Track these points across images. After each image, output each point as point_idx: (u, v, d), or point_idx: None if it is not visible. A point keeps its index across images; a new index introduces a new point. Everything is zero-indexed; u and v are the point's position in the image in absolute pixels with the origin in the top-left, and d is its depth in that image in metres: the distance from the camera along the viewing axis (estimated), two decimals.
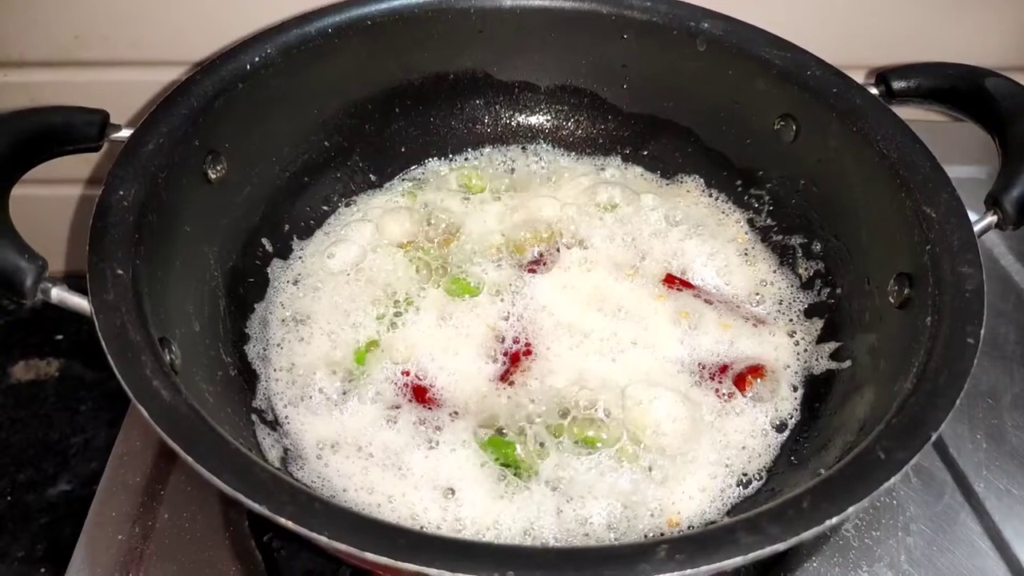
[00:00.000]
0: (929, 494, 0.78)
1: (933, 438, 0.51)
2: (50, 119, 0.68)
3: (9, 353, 1.22)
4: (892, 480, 0.49)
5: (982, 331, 0.58)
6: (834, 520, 0.47)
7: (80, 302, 0.57)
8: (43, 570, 1.03)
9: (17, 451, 1.12)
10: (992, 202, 0.68)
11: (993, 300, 0.97)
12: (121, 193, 0.62)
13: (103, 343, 0.54)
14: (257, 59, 0.76)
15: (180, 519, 0.73)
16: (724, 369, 0.76)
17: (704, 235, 0.86)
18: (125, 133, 0.69)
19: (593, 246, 0.86)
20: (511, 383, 0.75)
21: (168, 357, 0.58)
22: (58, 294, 0.58)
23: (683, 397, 0.73)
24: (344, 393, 0.74)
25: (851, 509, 0.48)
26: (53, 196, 1.11)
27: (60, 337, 1.23)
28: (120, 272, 0.58)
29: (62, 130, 0.68)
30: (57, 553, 1.03)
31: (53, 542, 1.04)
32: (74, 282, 0.60)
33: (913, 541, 0.74)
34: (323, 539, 0.45)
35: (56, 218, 1.13)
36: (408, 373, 0.75)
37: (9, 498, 1.08)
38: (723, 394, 0.75)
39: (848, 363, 0.73)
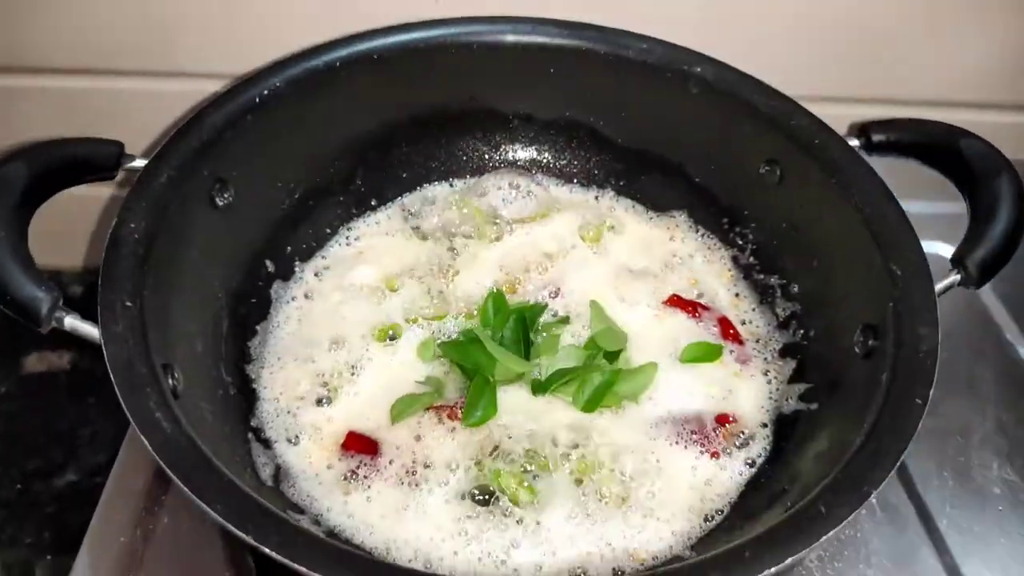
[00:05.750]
0: (893, 528, 0.80)
1: (873, 496, 0.55)
2: (71, 151, 0.72)
3: (23, 345, 1.26)
4: (831, 534, 0.53)
5: (931, 392, 0.61)
6: (773, 570, 0.51)
7: (91, 331, 0.62)
8: (49, 557, 1.07)
9: (28, 440, 1.16)
10: (957, 261, 0.71)
11: (973, 340, 1.00)
12: (132, 226, 0.67)
13: (111, 373, 0.58)
14: (266, 92, 0.80)
15: (179, 524, 0.76)
16: (717, 418, 0.77)
17: (693, 271, 0.89)
18: (139, 163, 0.73)
19: (587, 277, 0.88)
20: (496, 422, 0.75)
21: (170, 382, 0.62)
22: (71, 322, 0.63)
23: (668, 442, 0.76)
24: (318, 416, 0.76)
25: (789, 560, 0.52)
26: (82, 194, 1.13)
27: None
28: (128, 304, 0.62)
29: (81, 161, 0.72)
30: (62, 542, 1.07)
31: (59, 531, 1.08)
32: (92, 276, 0.64)
33: (874, 574, 0.76)
34: (303, 569, 0.50)
35: (83, 215, 1.14)
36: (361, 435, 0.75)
37: (19, 486, 1.11)
38: (708, 444, 0.76)
39: (815, 405, 0.76)
